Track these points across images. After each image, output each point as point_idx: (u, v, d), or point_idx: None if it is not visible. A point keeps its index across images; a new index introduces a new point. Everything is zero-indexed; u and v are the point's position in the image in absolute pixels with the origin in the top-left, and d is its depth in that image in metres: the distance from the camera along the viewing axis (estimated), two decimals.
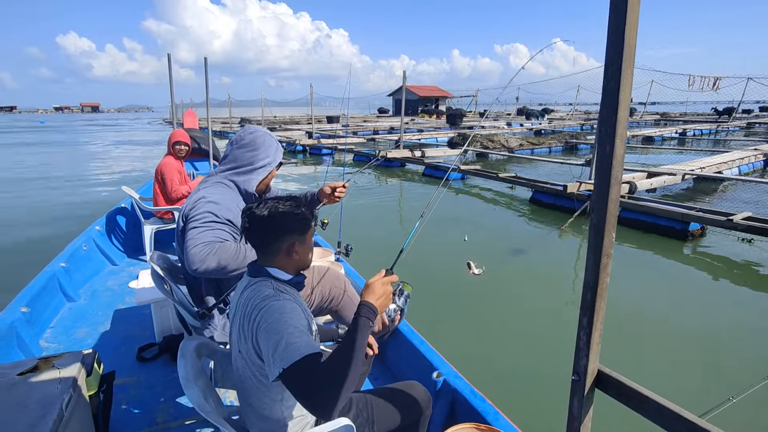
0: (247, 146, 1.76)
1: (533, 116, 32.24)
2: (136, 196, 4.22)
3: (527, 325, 3.66)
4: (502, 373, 2.94)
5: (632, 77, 0.88)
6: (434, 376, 1.86)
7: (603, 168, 0.93)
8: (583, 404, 1.08)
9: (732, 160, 9.99)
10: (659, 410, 0.95)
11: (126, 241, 4.44)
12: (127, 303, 3.18)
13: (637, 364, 3.01)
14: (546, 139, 16.48)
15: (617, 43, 0.85)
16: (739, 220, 5.33)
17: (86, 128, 40.21)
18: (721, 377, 2.86)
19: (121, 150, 19.17)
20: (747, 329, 3.56)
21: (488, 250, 5.62)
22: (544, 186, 7.55)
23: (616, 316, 3.66)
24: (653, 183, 7.75)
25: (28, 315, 2.56)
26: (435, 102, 46.01)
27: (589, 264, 0.99)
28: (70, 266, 3.36)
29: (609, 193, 0.92)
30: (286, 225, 1.19)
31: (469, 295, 4.19)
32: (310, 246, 1.28)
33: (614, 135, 0.89)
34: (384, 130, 23.09)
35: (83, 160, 15.30)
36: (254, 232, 1.20)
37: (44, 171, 12.53)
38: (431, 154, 12.12)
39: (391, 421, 1.36)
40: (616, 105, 0.88)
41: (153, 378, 2.28)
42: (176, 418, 1.97)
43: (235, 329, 1.21)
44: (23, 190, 9.48)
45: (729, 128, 23.83)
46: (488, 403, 1.67)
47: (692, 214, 5.73)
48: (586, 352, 1.04)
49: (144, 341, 2.59)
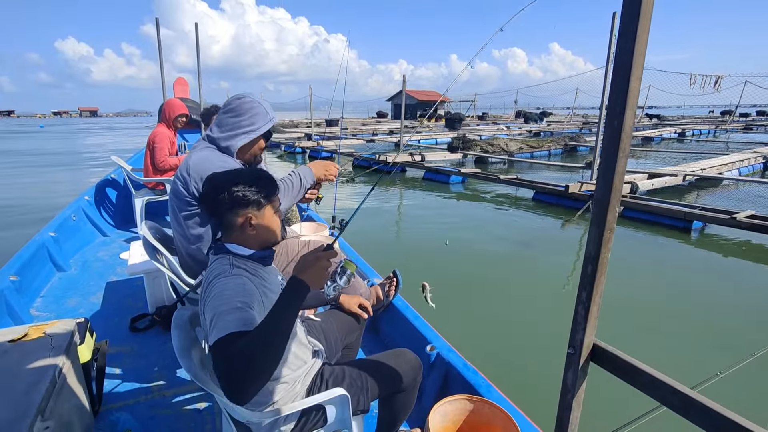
0: (232, 111, 1.71)
1: (532, 120, 32.17)
2: (126, 166, 4.13)
3: (520, 303, 3.72)
4: (495, 349, 3.00)
5: (647, 42, 0.84)
6: (428, 350, 1.88)
7: (612, 139, 0.90)
8: (577, 377, 1.09)
9: (732, 162, 10.01)
10: (653, 383, 0.96)
11: (116, 213, 4.38)
12: (118, 274, 3.15)
13: (633, 341, 3.08)
14: (545, 142, 16.35)
15: (633, 5, 0.81)
16: (742, 218, 5.32)
17: (87, 130, 38.27)
18: (713, 354, 2.94)
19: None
20: (742, 308, 3.65)
21: (490, 236, 5.64)
22: (546, 187, 7.53)
23: (615, 296, 3.74)
24: (654, 184, 7.77)
25: (17, 283, 2.53)
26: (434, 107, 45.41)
27: (591, 237, 0.98)
28: (60, 236, 3.31)
29: (616, 165, 0.90)
30: (239, 199, 1.14)
31: (468, 281, 4.23)
32: (272, 221, 1.22)
33: (625, 106, 0.87)
34: (383, 133, 22.87)
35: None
36: (210, 201, 1.17)
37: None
38: (431, 158, 11.97)
39: (384, 386, 1.38)
40: (628, 72, 0.84)
41: (146, 348, 2.28)
42: (170, 387, 1.98)
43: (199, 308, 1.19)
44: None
45: (728, 129, 23.84)
46: (480, 375, 1.69)
47: (695, 212, 5.72)
48: (583, 326, 1.04)
49: (137, 312, 2.58)
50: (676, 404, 0.93)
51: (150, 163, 3.89)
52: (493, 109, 49.85)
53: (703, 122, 28.89)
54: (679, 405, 0.92)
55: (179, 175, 1.71)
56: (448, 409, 1.46)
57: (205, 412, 1.83)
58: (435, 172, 10.08)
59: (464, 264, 4.67)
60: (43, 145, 21.22)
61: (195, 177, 1.66)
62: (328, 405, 1.21)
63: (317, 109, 21.08)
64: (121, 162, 4.19)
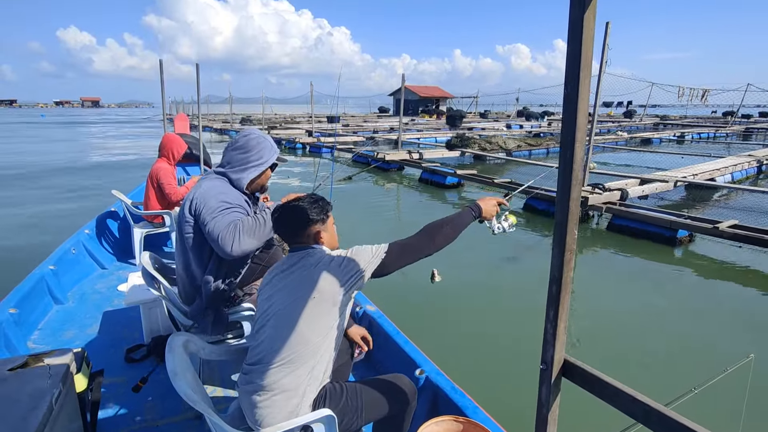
0: (240, 149, 1.86)
1: (533, 118, 32.29)
2: (126, 200, 4.24)
3: (507, 324, 3.74)
4: (483, 370, 3.02)
5: (589, 86, 0.96)
6: (417, 373, 1.92)
7: (565, 170, 1.01)
8: (550, 392, 1.15)
9: (725, 167, 10.01)
10: (617, 395, 1.02)
11: (115, 245, 4.44)
12: (115, 305, 3.19)
13: (614, 359, 3.10)
14: (544, 140, 16.54)
15: (575, 53, 0.93)
16: (725, 228, 5.45)
17: (90, 123, 38.83)
18: (690, 370, 2.97)
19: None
20: (718, 324, 3.69)
21: (476, 255, 5.71)
22: (539, 192, 7.66)
23: (595, 313, 3.78)
24: (645, 190, 7.83)
25: (16, 316, 2.57)
26: (435, 102, 46.13)
27: (554, 259, 1.06)
28: (59, 269, 3.37)
29: (570, 192, 1.00)
30: (311, 216, 1.42)
31: (450, 298, 4.27)
32: (333, 233, 1.53)
33: (574, 140, 0.97)
34: (384, 130, 23.17)
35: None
36: (284, 225, 1.44)
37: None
38: (429, 155, 12.18)
39: (379, 410, 1.42)
40: (575, 111, 0.96)
41: (141, 377, 2.30)
42: (163, 416, 2.00)
43: (280, 295, 1.37)
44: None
45: (728, 133, 23.75)
46: (468, 398, 1.73)
47: (680, 221, 5.86)
48: (552, 343, 1.11)
49: (132, 342, 2.61)
50: (638, 414, 0.99)
51: (154, 196, 4.00)
52: (495, 106, 50.29)
53: (705, 123, 28.63)
54: (641, 415, 0.98)
55: (186, 197, 1.84)
56: (435, 430, 1.49)
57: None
58: (432, 173, 10.23)
59: (451, 281, 4.72)
60: (45, 152, 19.42)
61: (198, 199, 1.78)
62: (315, 424, 1.25)
63: (320, 103, 21.36)
64: (121, 196, 4.30)
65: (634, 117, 33.84)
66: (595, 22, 0.94)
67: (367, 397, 1.41)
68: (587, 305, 4.03)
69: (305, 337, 1.30)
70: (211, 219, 1.69)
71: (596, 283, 4.80)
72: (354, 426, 1.37)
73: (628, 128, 25.13)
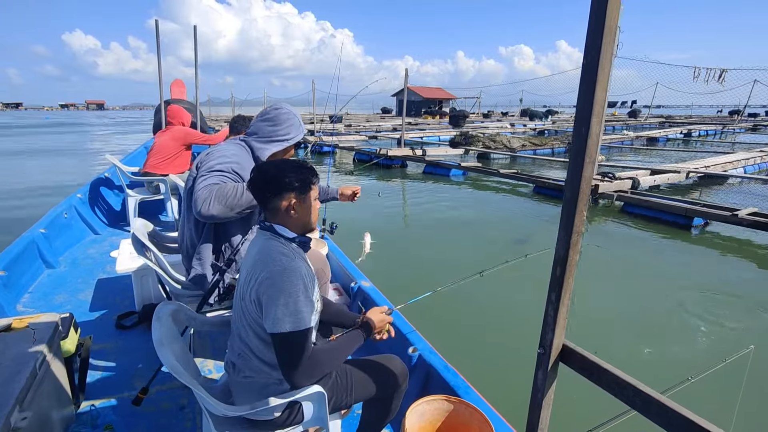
0: (270, 120, 1.86)
1: (537, 117, 32.13)
2: (121, 165, 4.15)
3: (503, 305, 3.74)
4: (477, 350, 3.02)
5: (611, 57, 0.89)
6: (410, 351, 1.91)
7: (578, 147, 0.94)
8: (546, 377, 1.12)
9: (737, 160, 9.85)
10: (617, 383, 0.99)
11: (109, 211, 4.38)
12: (107, 272, 3.16)
13: (613, 343, 3.11)
14: (549, 140, 16.24)
15: (598, 21, 0.86)
16: (744, 215, 5.33)
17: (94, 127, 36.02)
18: (689, 358, 2.98)
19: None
20: (724, 312, 3.69)
21: (474, 235, 5.68)
22: (546, 182, 7.57)
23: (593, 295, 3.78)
24: (657, 180, 7.70)
25: (5, 278, 2.54)
26: (438, 104, 45.65)
27: (559, 240, 1.01)
28: (50, 233, 3.31)
29: (582, 171, 0.94)
30: (286, 182, 1.26)
31: (445, 276, 4.25)
32: (311, 207, 1.32)
33: (590, 114, 0.91)
34: (387, 130, 22.94)
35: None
36: (257, 186, 1.28)
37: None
38: (432, 153, 11.96)
39: (368, 390, 1.40)
40: (593, 83, 0.88)
41: (131, 345, 2.28)
42: (153, 384, 1.99)
43: (243, 274, 1.27)
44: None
45: (735, 129, 23.50)
46: (460, 377, 1.72)
47: (696, 209, 5.71)
48: (552, 327, 1.08)
49: (123, 309, 2.59)
50: (637, 403, 0.96)
51: (166, 162, 3.99)
52: (498, 107, 49.80)
53: (711, 122, 28.40)
54: (640, 404, 0.95)
55: (193, 169, 1.83)
56: (426, 409, 1.48)
57: (187, 408, 1.84)
58: (435, 165, 10.05)
59: (446, 259, 4.71)
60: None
61: (205, 156, 1.79)
62: (305, 402, 1.23)
63: (323, 105, 20.93)
64: (115, 160, 4.20)
65: (639, 117, 33.36)
66: None
67: (358, 377, 1.38)
68: (585, 288, 4.02)
69: (253, 339, 1.24)
70: (200, 177, 1.69)
71: (596, 265, 4.79)
72: (343, 404, 1.35)
73: (633, 127, 24.83)
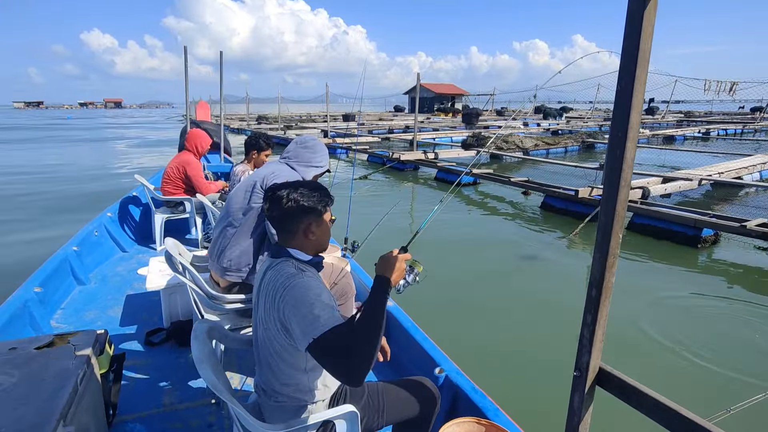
0: (309, 148, 2.14)
1: (551, 115, 31.36)
2: (149, 185, 4.29)
3: (530, 325, 3.69)
4: (504, 371, 2.97)
5: (645, 82, 0.91)
6: (436, 372, 1.89)
7: (613, 170, 0.96)
8: (583, 400, 1.11)
9: (753, 165, 9.48)
10: (658, 407, 0.97)
11: (136, 229, 4.51)
12: (135, 289, 3.24)
13: (643, 369, 3.02)
14: (562, 139, 15.97)
15: (632, 48, 0.88)
16: (753, 226, 5.19)
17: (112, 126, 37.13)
18: (725, 386, 2.87)
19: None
20: (757, 338, 3.55)
21: (497, 254, 5.64)
22: (556, 191, 7.50)
23: (623, 319, 3.69)
24: (668, 188, 7.52)
25: (41, 295, 2.62)
26: (451, 100, 45.77)
27: (595, 262, 1.02)
28: (82, 250, 3.43)
29: (618, 195, 0.95)
30: (304, 206, 1.27)
31: (473, 295, 4.23)
32: (326, 229, 1.34)
33: (625, 138, 0.92)
34: (399, 128, 22.92)
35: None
36: (274, 212, 1.29)
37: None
38: (444, 155, 12.02)
39: (400, 412, 1.39)
40: (628, 108, 0.90)
41: (161, 361, 2.32)
42: (182, 401, 2.02)
43: (260, 307, 1.25)
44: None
45: (756, 128, 22.61)
46: (488, 399, 1.70)
47: (705, 219, 5.59)
48: (588, 349, 1.07)
49: (152, 326, 2.64)
50: (680, 429, 0.94)
51: (177, 185, 4.08)
52: (512, 104, 49.64)
53: (731, 120, 27.53)
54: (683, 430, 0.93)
55: (258, 174, 2.06)
56: (456, 431, 1.47)
57: (215, 426, 1.86)
58: (447, 171, 10.11)
59: (470, 278, 4.67)
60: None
61: (272, 179, 2.01)
62: (338, 420, 1.23)
63: (335, 102, 21.00)
64: (144, 180, 4.35)
65: (656, 114, 32.52)
66: (655, 17, 0.88)
67: (390, 398, 1.38)
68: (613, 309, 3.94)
69: (281, 368, 1.23)
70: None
71: (624, 285, 4.69)
72: (375, 425, 1.35)
73: (650, 125, 24.35)
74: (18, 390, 1.32)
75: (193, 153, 4.13)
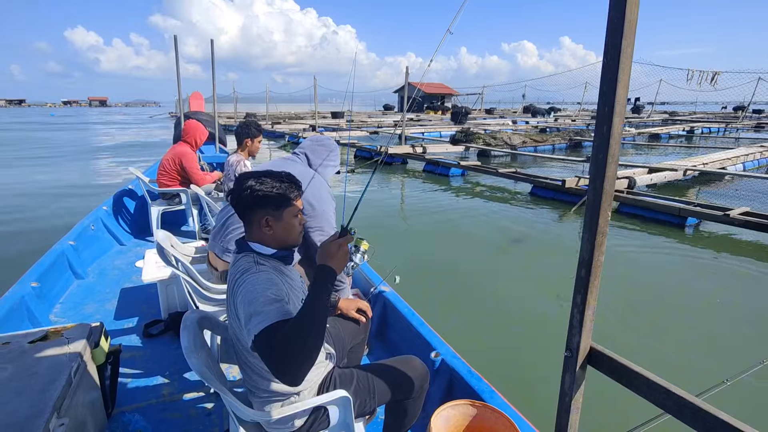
0: (325, 146, 2.16)
1: (539, 114, 31.82)
2: (144, 178, 4.27)
3: (523, 307, 3.70)
4: (499, 354, 2.99)
5: (632, 56, 0.88)
6: (432, 356, 1.90)
7: (600, 147, 0.93)
8: (574, 380, 1.10)
9: (736, 156, 9.86)
10: (649, 386, 0.97)
11: (133, 222, 4.50)
12: (133, 281, 3.24)
13: (635, 345, 3.04)
14: (550, 136, 15.99)
15: (617, 19, 0.85)
16: (736, 215, 5.30)
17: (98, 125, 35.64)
18: (719, 358, 2.88)
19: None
20: (746, 310, 3.57)
21: (487, 237, 5.63)
22: (543, 181, 7.53)
23: (615, 297, 3.70)
24: (653, 178, 7.66)
25: (38, 290, 2.63)
26: (441, 99, 45.58)
27: (584, 242, 1.00)
28: (78, 244, 3.42)
29: (606, 171, 0.93)
30: (258, 200, 1.20)
31: (468, 281, 4.23)
32: (289, 223, 1.25)
33: (612, 113, 0.90)
34: (388, 126, 22.92)
35: None
36: (234, 203, 1.24)
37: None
38: (433, 150, 11.97)
39: (391, 392, 1.40)
40: (614, 82, 0.88)
41: (159, 353, 2.34)
42: (181, 390, 2.03)
43: (229, 304, 1.24)
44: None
45: (738, 127, 23.22)
46: (484, 381, 1.70)
47: (689, 208, 5.73)
48: (578, 330, 1.06)
49: (150, 318, 2.65)
50: (670, 407, 0.94)
51: (173, 176, 4.06)
52: (501, 104, 49.44)
53: (715, 119, 28.28)
54: (674, 407, 0.93)
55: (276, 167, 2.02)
56: (451, 414, 1.47)
57: (214, 415, 1.88)
58: (435, 164, 10.10)
59: (463, 261, 4.68)
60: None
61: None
62: (330, 406, 1.24)
63: (326, 101, 20.87)
64: (139, 173, 4.33)
65: (642, 113, 33.06)
66: None
67: (378, 379, 1.39)
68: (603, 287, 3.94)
69: (252, 365, 1.22)
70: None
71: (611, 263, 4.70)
72: (367, 408, 1.36)
73: (636, 124, 24.52)
74: (11, 383, 1.32)
75: (191, 145, 4.12)
